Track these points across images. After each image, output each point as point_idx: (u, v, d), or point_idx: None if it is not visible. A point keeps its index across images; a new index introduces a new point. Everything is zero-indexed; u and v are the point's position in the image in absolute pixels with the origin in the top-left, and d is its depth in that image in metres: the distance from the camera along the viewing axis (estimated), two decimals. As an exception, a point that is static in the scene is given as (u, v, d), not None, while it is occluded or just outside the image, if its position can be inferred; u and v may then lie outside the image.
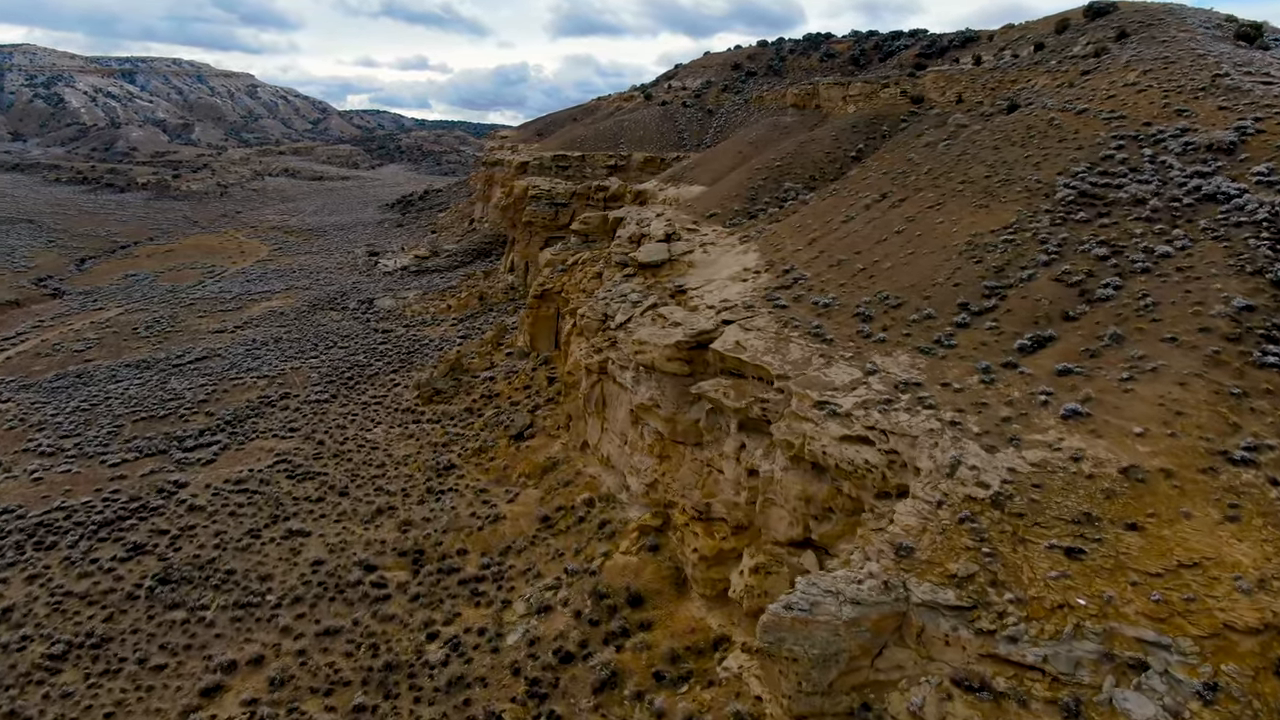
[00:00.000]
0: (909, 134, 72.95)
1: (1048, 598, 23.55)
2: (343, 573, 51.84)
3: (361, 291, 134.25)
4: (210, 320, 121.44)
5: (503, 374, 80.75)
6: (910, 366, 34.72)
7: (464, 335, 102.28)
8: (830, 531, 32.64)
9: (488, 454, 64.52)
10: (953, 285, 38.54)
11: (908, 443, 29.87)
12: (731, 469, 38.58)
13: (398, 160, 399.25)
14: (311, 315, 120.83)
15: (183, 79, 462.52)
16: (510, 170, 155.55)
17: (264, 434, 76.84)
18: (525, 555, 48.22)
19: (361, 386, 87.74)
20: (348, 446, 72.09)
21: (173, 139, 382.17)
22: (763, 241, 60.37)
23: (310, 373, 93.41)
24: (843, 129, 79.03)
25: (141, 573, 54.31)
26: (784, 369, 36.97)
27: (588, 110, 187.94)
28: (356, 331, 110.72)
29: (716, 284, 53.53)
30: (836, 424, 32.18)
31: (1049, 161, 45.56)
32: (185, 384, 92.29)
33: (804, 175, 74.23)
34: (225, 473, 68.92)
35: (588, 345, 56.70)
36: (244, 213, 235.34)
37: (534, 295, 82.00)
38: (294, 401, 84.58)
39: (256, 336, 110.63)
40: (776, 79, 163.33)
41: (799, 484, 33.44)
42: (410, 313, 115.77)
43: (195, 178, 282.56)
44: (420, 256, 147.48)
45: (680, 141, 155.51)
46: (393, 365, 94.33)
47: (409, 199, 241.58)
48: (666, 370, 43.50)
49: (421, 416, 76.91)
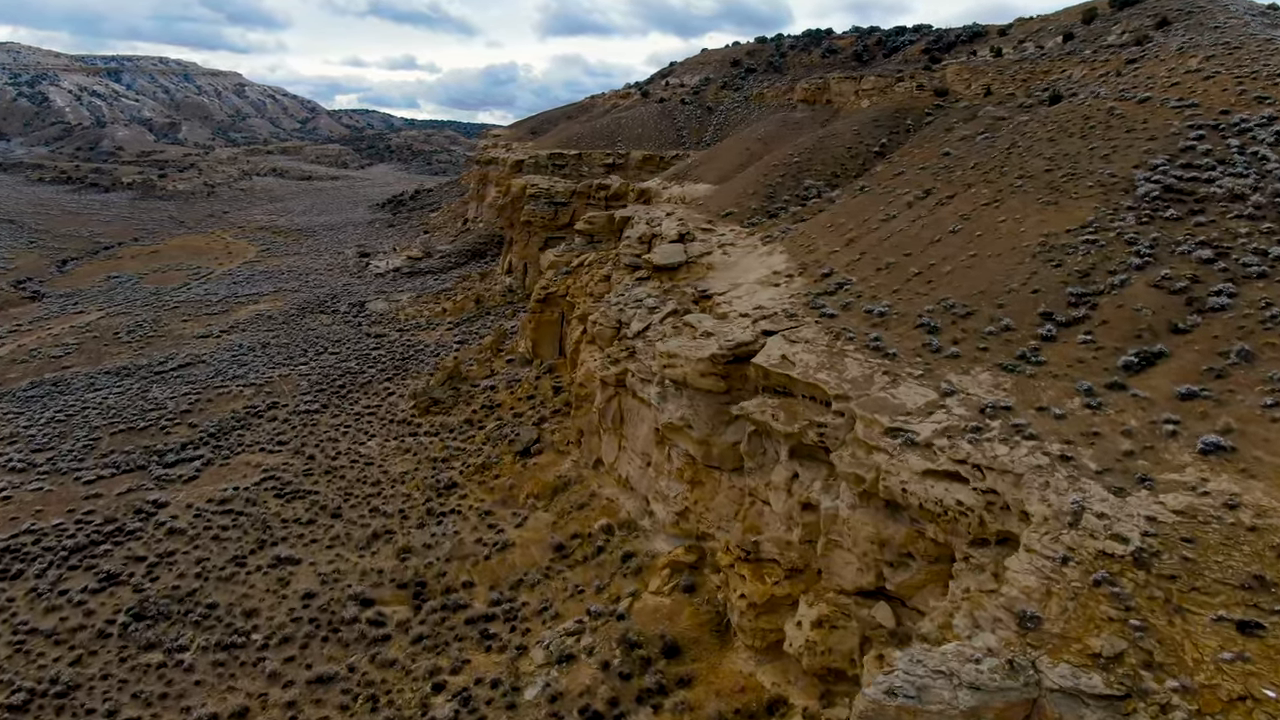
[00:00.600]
0: (936, 127, 68.23)
1: (1223, 686, 18.71)
2: (336, 607, 46.65)
3: (352, 294, 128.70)
4: (195, 324, 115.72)
5: (504, 383, 75.60)
6: (994, 387, 29.87)
7: (461, 340, 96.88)
8: (909, 581, 27.78)
9: (491, 471, 59.39)
10: (1030, 292, 33.70)
11: (1010, 481, 25.01)
12: (781, 501, 33.65)
13: (387, 160, 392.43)
14: (301, 319, 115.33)
15: (169, 78, 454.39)
16: (505, 169, 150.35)
17: (250, 448, 71.47)
18: (539, 590, 43.13)
19: (354, 395, 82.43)
20: (340, 462, 66.82)
21: (159, 138, 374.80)
22: (789, 242, 55.50)
23: (299, 380, 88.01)
24: (864, 123, 74.23)
25: (115, 606, 49.01)
26: (842, 388, 32.07)
27: (583, 108, 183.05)
28: (348, 336, 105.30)
29: (745, 289, 48.61)
30: (917, 456, 27.30)
31: (1120, 154, 40.81)
32: (167, 392, 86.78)
33: (825, 172, 69.42)
34: (208, 491, 63.60)
35: (602, 356, 51.69)
36: (231, 213, 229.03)
37: (536, 299, 76.91)
38: (282, 412, 79.18)
39: (243, 341, 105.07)
40: (777, 75, 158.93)
41: (870, 524, 28.56)
42: (404, 316, 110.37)
43: (182, 177, 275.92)
44: (413, 257, 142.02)
45: (679, 139, 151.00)
46: (386, 372, 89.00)
47: (400, 199, 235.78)
48: (700, 387, 38.54)
49: (418, 429, 71.66)
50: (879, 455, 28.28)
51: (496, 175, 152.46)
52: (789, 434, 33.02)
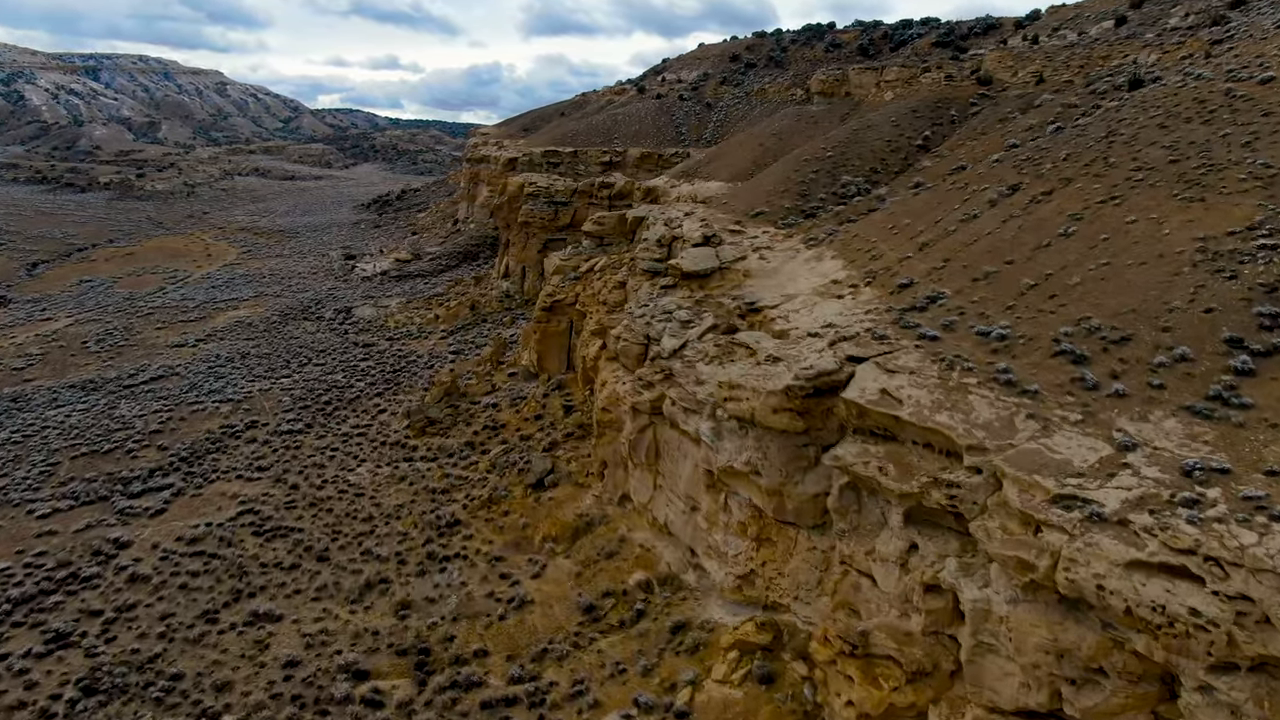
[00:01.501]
0: (986, 118, 61.08)
1: None
2: (324, 680, 38.80)
3: (338, 299, 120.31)
4: (169, 332, 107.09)
5: (507, 400, 67.80)
6: (1188, 438, 22.56)
7: (456, 350, 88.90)
8: (1102, 707, 20.40)
9: (500, 506, 51.66)
10: (1202, 311, 26.42)
11: (1273, 585, 17.71)
12: (892, 578, 26.18)
13: (372, 160, 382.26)
14: (283, 326, 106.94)
15: (149, 76, 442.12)
16: (498, 167, 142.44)
17: (226, 474, 63.38)
18: (569, 665, 35.49)
19: (341, 413, 74.35)
20: (327, 492, 58.88)
21: (138, 137, 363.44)
22: (840, 246, 48.10)
23: (281, 395, 79.86)
24: (901, 114, 66.94)
25: (62, 677, 40.89)
26: (975, 436, 24.68)
27: (576, 104, 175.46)
28: (333, 345, 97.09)
29: (801, 301, 41.14)
30: (1113, 539, 19.93)
31: (1266, 140, 33.67)
32: (136, 409, 78.45)
33: (862, 167, 62.10)
34: (178, 527, 55.57)
35: (632, 379, 44.12)
36: (211, 213, 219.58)
37: (541, 308, 69.18)
38: (262, 432, 71.04)
39: (221, 351, 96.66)
40: (779, 71, 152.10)
41: (1042, 627, 21.17)
42: (393, 323, 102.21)
43: (161, 177, 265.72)
44: (401, 260, 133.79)
45: (678, 136, 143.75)
46: (376, 386, 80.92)
47: (386, 199, 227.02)
48: (772, 426, 31.04)
49: (414, 452, 63.78)
50: (1052, 534, 20.90)
51: (489, 174, 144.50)
52: (905, 494, 25.57)
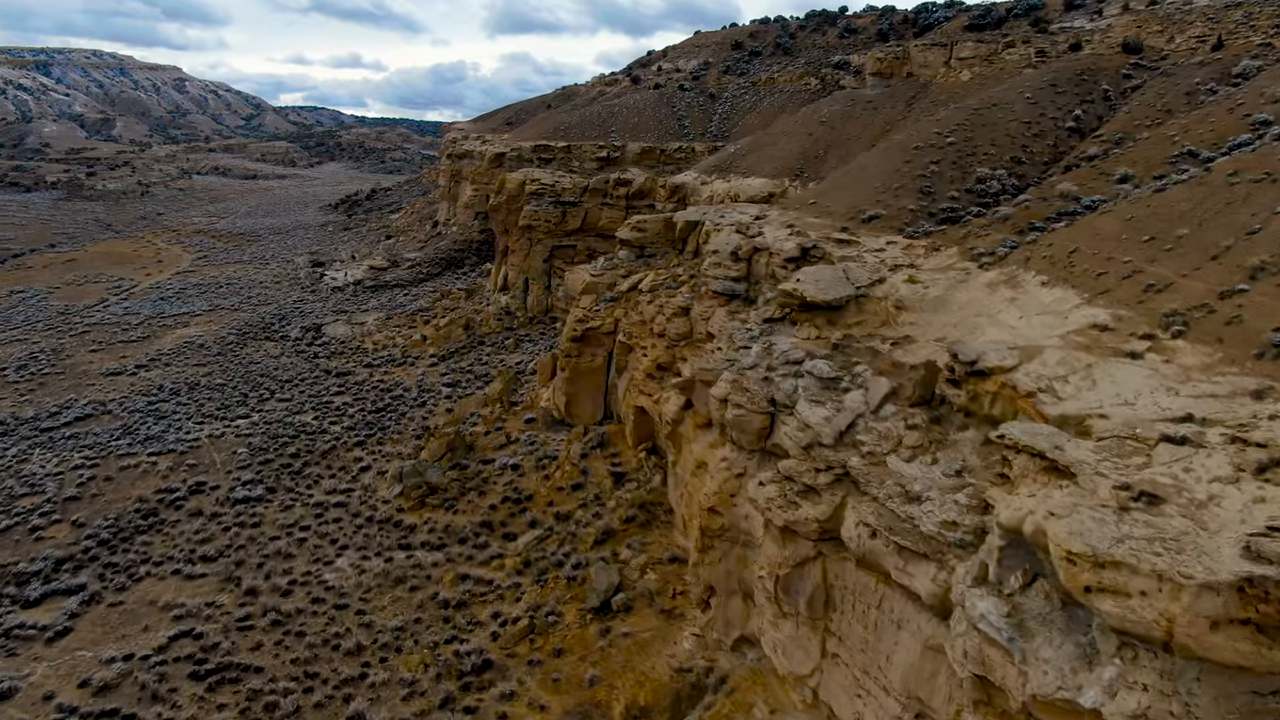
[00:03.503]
0: (1164, 92, 45.63)
1: None
2: None
3: (305, 314, 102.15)
4: (105, 356, 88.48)
5: (531, 459, 51.05)
6: None
7: (452, 382, 71.71)
8: None
9: (548, 639, 35.10)
10: None
11: None
12: None
13: (338, 158, 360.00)
14: (240, 348, 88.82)
15: (104, 71, 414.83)
16: (484, 164, 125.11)
17: (159, 569, 45.94)
18: None
19: (312, 471, 57.00)
20: (295, 601, 41.78)
21: (91, 135, 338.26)
22: (1049, 265, 32.10)
23: (236, 445, 62.25)
24: (1036, 91, 51.22)
25: None
26: None
27: (563, 96, 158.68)
28: (301, 373, 79.43)
29: (1058, 361, 25.00)
30: None
31: None
32: (51, 462, 60.46)
33: (999, 157, 46.29)
34: (84, 661, 38.29)
35: (773, 477, 27.81)
36: (166, 214, 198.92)
37: (570, 337, 52.49)
38: (210, 500, 53.58)
39: (165, 382, 78.53)
40: (788, 58, 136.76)
41: None
42: (372, 345, 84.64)
43: (113, 176, 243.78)
44: (377, 267, 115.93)
45: (681, 129, 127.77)
46: (356, 431, 63.58)
47: (355, 199, 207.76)
48: (1206, 655, 15.09)
49: (411, 534, 46.81)
50: None
51: (473, 171, 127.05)
52: None
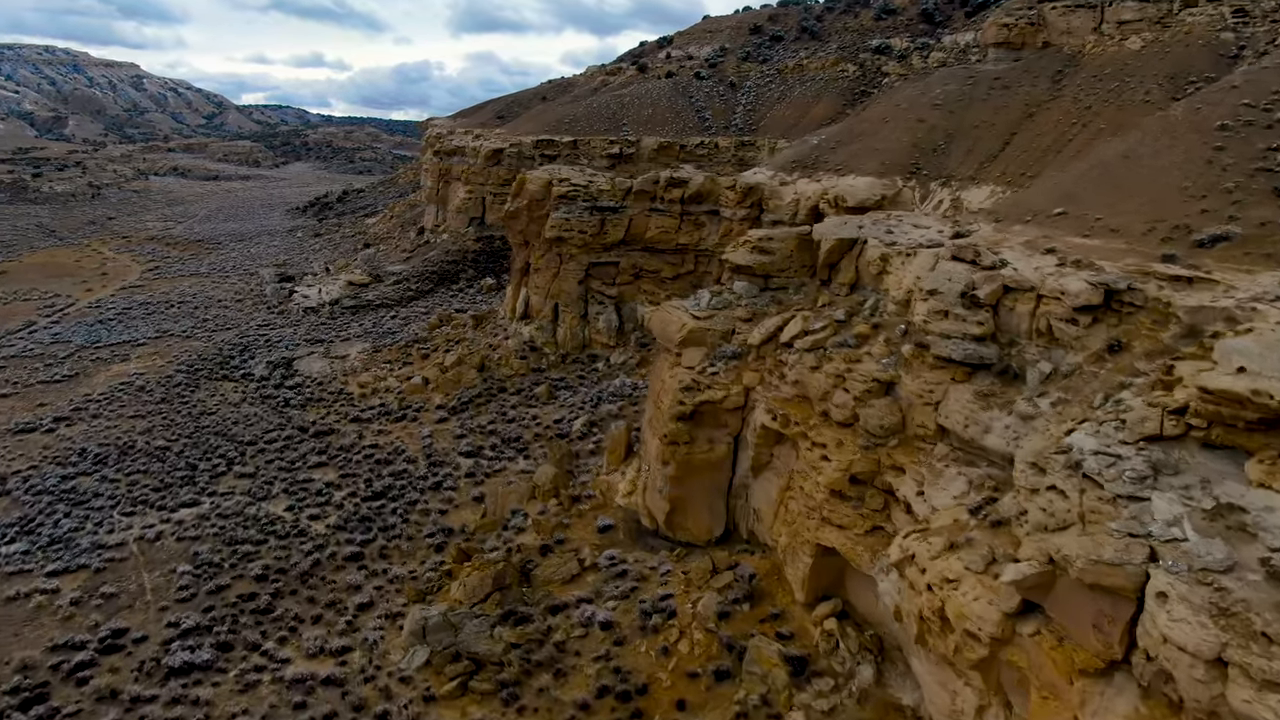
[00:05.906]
0: None
1: None
2: None
3: (273, 343, 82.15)
4: (18, 404, 67.96)
5: (631, 611, 32.56)
6: None
7: (472, 450, 52.42)
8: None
9: None
10: None
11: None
12: None
13: (305, 158, 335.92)
14: (190, 392, 68.80)
15: (56, 68, 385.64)
16: (478, 161, 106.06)
17: (31, 826, 27.03)
18: None
19: (286, 607, 37.97)
20: None
21: (41, 134, 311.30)
22: None
23: (177, 554, 42.88)
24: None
25: None
26: None
27: (560, 88, 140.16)
28: (268, 429, 59.88)
29: None
30: None
31: None
32: (-92, 588, 40.84)
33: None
34: None
35: None
36: (118, 219, 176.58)
37: (676, 416, 33.96)
38: (129, 668, 34.21)
39: (89, 443, 58.52)
40: (816, 43, 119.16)
41: None
42: (358, 388, 65.26)
43: (61, 177, 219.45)
44: (356, 284, 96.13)
45: (701, 122, 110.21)
46: (348, 530, 44.37)
47: (325, 201, 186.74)
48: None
49: (450, 753, 28.46)
50: None
51: (466, 170, 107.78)
52: None
